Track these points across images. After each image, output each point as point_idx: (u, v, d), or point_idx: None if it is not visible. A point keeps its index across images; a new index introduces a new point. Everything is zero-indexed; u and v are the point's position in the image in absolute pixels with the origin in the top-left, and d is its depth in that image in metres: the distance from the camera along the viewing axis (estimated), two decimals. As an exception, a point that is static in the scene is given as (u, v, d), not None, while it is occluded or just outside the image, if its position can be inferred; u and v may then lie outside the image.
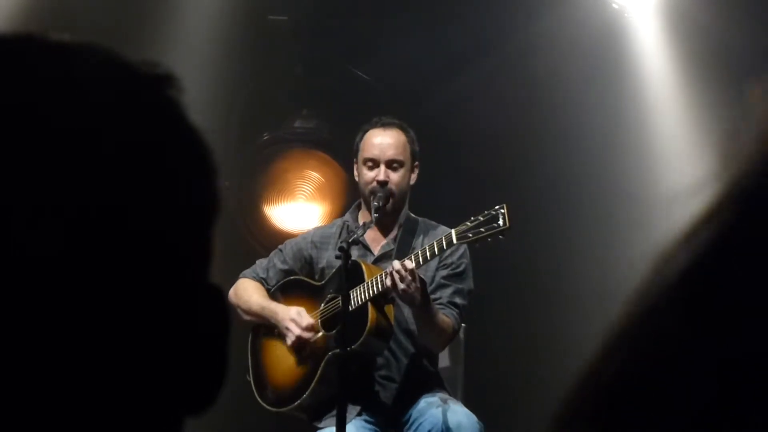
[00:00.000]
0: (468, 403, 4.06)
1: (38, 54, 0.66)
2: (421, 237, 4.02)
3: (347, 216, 4.16)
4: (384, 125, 4.04)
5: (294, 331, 3.94)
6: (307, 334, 3.93)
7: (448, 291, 3.91)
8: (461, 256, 3.96)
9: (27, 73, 0.64)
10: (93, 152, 0.63)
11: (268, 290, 4.14)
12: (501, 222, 3.61)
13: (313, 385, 3.93)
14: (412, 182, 4.06)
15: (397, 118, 4.11)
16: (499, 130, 5.36)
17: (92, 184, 0.62)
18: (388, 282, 3.67)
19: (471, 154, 5.50)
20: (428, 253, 3.71)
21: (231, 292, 4.13)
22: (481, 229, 3.63)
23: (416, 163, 4.06)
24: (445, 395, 3.90)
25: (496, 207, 3.65)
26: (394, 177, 3.96)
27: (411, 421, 3.82)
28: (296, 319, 3.95)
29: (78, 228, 0.61)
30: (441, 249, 3.72)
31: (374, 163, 3.97)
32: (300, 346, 3.98)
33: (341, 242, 3.73)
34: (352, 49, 5.51)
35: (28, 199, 0.61)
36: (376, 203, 3.88)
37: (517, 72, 5.32)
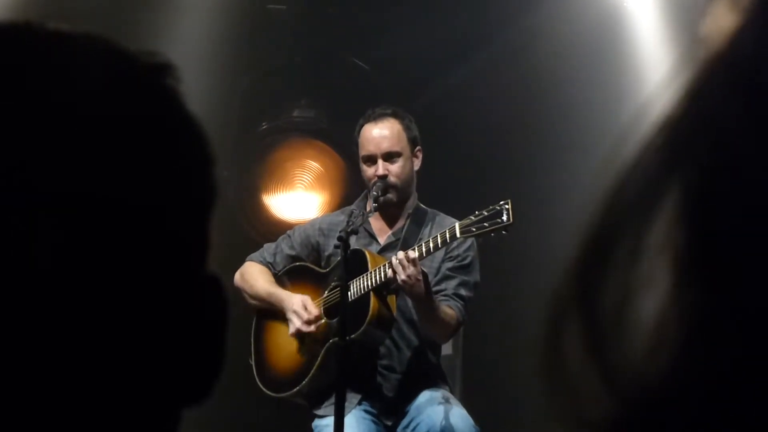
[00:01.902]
0: (466, 394, 4.07)
1: (36, 42, 0.65)
2: (429, 227, 4.01)
3: (355, 204, 4.15)
4: (377, 117, 4.01)
5: (295, 323, 3.95)
6: (307, 328, 3.94)
7: (454, 282, 3.91)
8: (468, 249, 3.95)
9: (25, 62, 0.64)
10: (90, 141, 0.63)
11: (274, 275, 4.15)
12: (505, 217, 3.60)
13: (312, 371, 3.94)
14: (416, 168, 4.04)
15: (391, 107, 4.08)
16: (499, 119, 5.35)
17: (89, 173, 0.62)
18: (390, 272, 3.68)
19: (470, 143, 5.49)
20: (432, 246, 3.71)
21: (237, 275, 4.16)
22: (485, 224, 3.63)
23: (417, 148, 4.04)
24: (446, 392, 3.90)
25: (501, 202, 3.64)
26: (393, 169, 3.95)
27: (409, 417, 3.83)
28: (299, 311, 3.95)
29: (75, 217, 0.61)
30: (444, 242, 3.72)
31: (372, 159, 3.96)
32: (301, 335, 4.00)
33: (340, 231, 3.73)
34: (352, 38, 5.50)
35: (25, 186, 0.61)
36: (375, 193, 3.88)
37: (517, 62, 5.31)
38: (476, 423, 3.77)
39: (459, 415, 3.76)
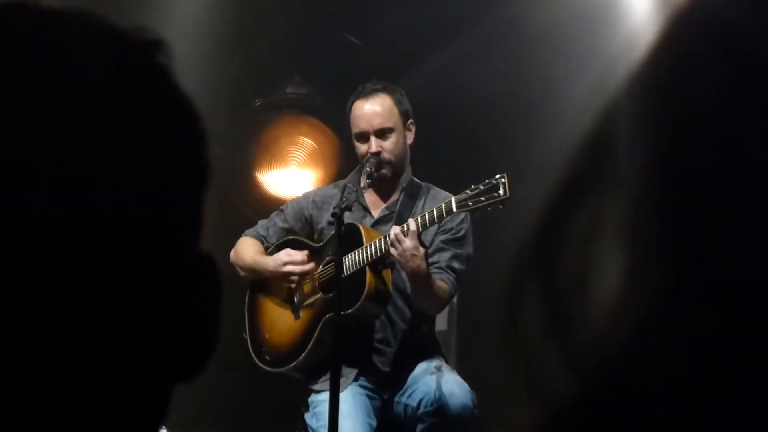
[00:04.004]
0: (462, 367, 4.07)
1: (29, 20, 0.65)
2: (423, 201, 4.01)
3: (349, 178, 4.15)
4: (367, 93, 3.99)
5: (296, 271, 3.97)
6: (308, 267, 3.97)
7: (447, 255, 3.91)
8: (461, 222, 3.95)
9: (18, 40, 0.64)
10: (81, 119, 0.63)
11: (266, 248, 4.16)
12: (501, 191, 3.60)
13: (309, 347, 3.95)
14: (409, 142, 4.03)
15: (381, 82, 4.07)
16: (494, 93, 5.34)
17: (81, 152, 0.62)
18: (387, 246, 3.68)
19: (464, 118, 5.48)
20: (428, 219, 3.71)
21: (232, 251, 4.19)
22: (481, 198, 3.63)
23: (410, 121, 4.03)
24: (440, 362, 3.91)
25: (497, 176, 3.63)
26: (386, 145, 3.94)
27: (405, 387, 3.85)
28: (289, 261, 3.98)
29: (66, 196, 0.61)
30: (440, 216, 3.71)
31: (364, 137, 3.95)
32: (293, 305, 4.02)
33: (334, 208, 3.73)
34: (345, 15, 5.48)
35: (16, 165, 0.61)
36: (368, 169, 3.88)
37: (511, 35, 5.29)
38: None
39: (454, 381, 3.78)
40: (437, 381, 3.75)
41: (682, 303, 0.48)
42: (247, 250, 4.15)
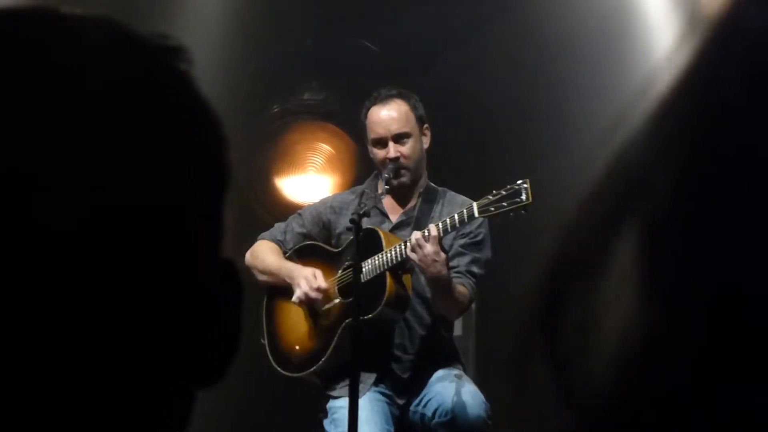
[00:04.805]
0: (479, 373, 4.06)
1: (49, 27, 0.66)
2: (441, 205, 4.01)
3: (366, 184, 4.16)
4: (383, 100, 4.00)
5: (303, 287, 3.95)
6: (314, 294, 3.94)
7: (466, 259, 3.90)
8: (479, 226, 3.94)
9: (38, 47, 0.64)
10: (102, 126, 0.63)
11: (284, 252, 4.15)
12: (524, 197, 3.60)
13: (329, 352, 3.95)
14: (425, 146, 4.04)
15: (395, 88, 4.08)
16: (513, 98, 5.32)
17: (101, 158, 0.62)
18: (408, 252, 3.68)
19: (481, 122, 5.47)
20: (449, 225, 3.71)
21: (248, 253, 4.17)
22: (504, 204, 3.62)
23: (425, 126, 4.03)
24: (458, 371, 3.90)
25: (519, 182, 3.63)
26: (404, 150, 3.95)
27: (421, 395, 3.84)
28: (309, 277, 3.96)
29: (87, 203, 0.61)
30: (462, 221, 3.71)
31: (382, 142, 3.96)
32: (312, 310, 4.00)
33: (352, 214, 3.73)
34: (362, 20, 5.48)
35: (37, 172, 0.61)
36: (387, 175, 3.88)
37: (531, 40, 5.28)
38: (489, 401, 3.77)
39: (470, 392, 3.76)
40: (452, 391, 3.74)
41: (691, 339, 0.47)
42: (269, 254, 4.14)
